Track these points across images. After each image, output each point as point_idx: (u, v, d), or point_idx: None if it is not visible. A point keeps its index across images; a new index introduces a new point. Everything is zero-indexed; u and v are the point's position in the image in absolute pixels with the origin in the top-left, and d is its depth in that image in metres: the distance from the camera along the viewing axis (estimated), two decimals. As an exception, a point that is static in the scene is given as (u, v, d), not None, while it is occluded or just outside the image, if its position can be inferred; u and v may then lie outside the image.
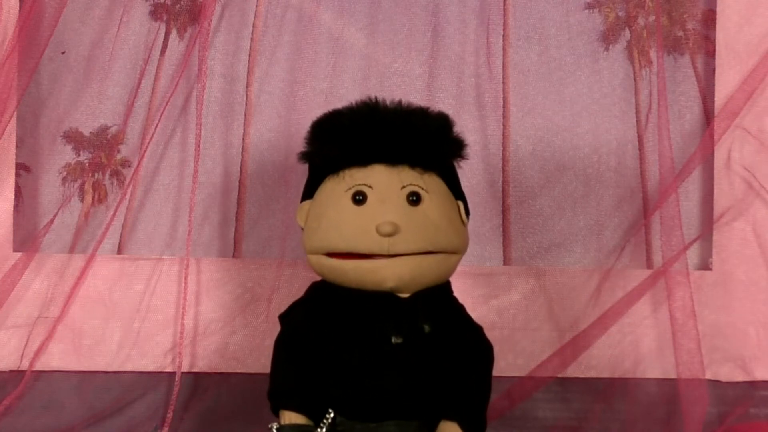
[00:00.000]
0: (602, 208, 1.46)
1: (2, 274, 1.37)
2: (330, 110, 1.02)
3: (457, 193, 1.03)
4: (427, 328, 0.99)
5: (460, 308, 1.03)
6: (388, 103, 1.00)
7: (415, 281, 0.98)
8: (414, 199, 0.98)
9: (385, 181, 0.98)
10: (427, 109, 1.02)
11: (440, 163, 1.01)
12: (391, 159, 0.98)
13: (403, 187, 0.98)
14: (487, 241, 1.46)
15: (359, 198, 0.98)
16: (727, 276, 1.44)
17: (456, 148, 1.02)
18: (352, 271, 0.98)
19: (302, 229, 1.03)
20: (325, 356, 0.98)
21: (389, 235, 0.96)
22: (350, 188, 0.98)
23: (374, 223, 0.96)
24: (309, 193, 1.03)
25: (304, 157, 1.02)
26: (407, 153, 0.98)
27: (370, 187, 0.98)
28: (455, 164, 1.03)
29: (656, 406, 1.39)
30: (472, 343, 1.02)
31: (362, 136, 0.98)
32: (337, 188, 0.99)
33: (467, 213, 1.03)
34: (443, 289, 1.02)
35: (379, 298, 0.98)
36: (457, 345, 1.00)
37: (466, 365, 1.00)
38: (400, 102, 1.00)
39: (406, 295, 0.99)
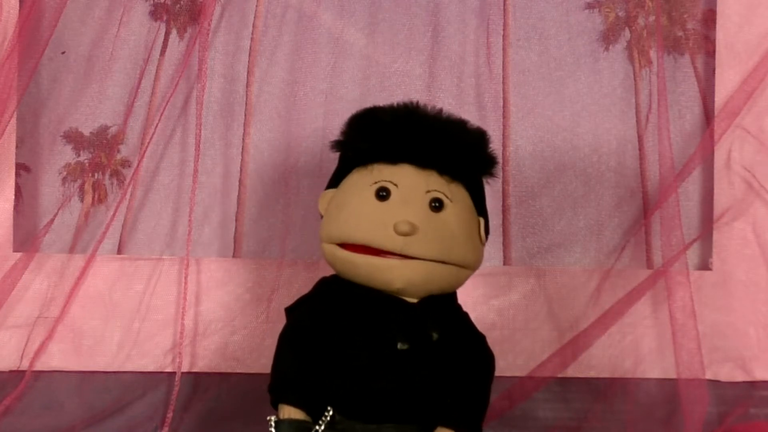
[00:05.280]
0: (602, 208, 1.46)
1: (2, 274, 1.37)
2: (371, 106, 1.03)
3: (481, 209, 1.03)
4: (435, 335, 0.98)
5: (465, 316, 1.03)
6: (428, 108, 1.00)
7: (423, 286, 0.98)
8: (437, 205, 0.98)
9: (411, 182, 0.98)
10: (467, 122, 1.02)
11: (469, 175, 1.01)
12: (421, 161, 0.98)
13: (428, 191, 0.98)
14: (487, 241, 1.45)
15: (383, 194, 0.98)
16: (727, 276, 1.44)
17: (487, 164, 1.02)
18: (363, 267, 0.98)
19: (321, 216, 1.02)
20: (329, 354, 0.98)
21: (406, 234, 0.96)
22: (375, 183, 0.98)
23: (393, 220, 0.96)
24: (335, 182, 1.03)
25: (337, 146, 1.03)
26: (437, 158, 0.98)
27: (395, 185, 0.98)
28: (484, 182, 1.04)
29: (656, 406, 1.40)
30: (475, 352, 1.02)
31: (396, 134, 0.98)
32: (362, 181, 0.99)
33: (487, 232, 1.03)
34: (450, 297, 1.02)
35: (388, 301, 0.98)
36: (461, 353, 1.00)
37: (467, 373, 1.00)
38: (441, 110, 1.01)
39: (413, 300, 0.99)
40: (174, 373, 1.36)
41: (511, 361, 1.41)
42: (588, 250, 1.46)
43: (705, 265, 1.45)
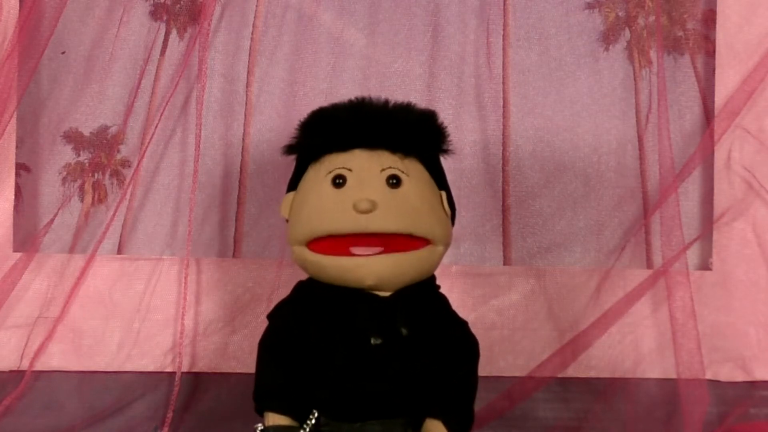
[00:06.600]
0: (602, 208, 1.46)
1: (2, 274, 1.37)
2: (318, 107, 1.03)
3: (441, 183, 1.03)
4: (404, 331, 0.98)
5: (445, 304, 1.03)
6: (374, 99, 1.01)
7: (395, 279, 0.98)
8: (394, 181, 0.98)
9: (364, 164, 0.98)
10: (414, 104, 1.02)
11: (421, 149, 1.01)
12: (371, 143, 0.99)
13: (383, 169, 0.98)
14: (487, 241, 1.46)
15: (339, 181, 0.98)
16: (727, 276, 1.44)
17: (437, 136, 1.02)
18: (332, 268, 0.98)
19: (287, 221, 1.03)
20: (309, 356, 0.98)
21: (366, 211, 0.96)
22: (330, 172, 0.98)
23: (352, 202, 0.96)
24: (294, 184, 1.03)
25: (288, 149, 1.03)
26: (386, 136, 0.99)
27: (349, 170, 0.98)
28: (441, 157, 1.04)
29: (656, 406, 1.40)
30: (457, 340, 1.01)
31: (342, 122, 0.99)
32: (318, 174, 0.99)
33: (451, 205, 1.03)
34: (426, 284, 1.02)
35: (360, 298, 0.98)
36: (441, 342, 1.00)
37: (451, 362, 1.00)
38: (387, 100, 1.01)
39: (387, 294, 0.98)
40: (174, 373, 1.36)
41: (511, 361, 1.41)
42: (588, 250, 1.46)
43: (705, 265, 1.45)
